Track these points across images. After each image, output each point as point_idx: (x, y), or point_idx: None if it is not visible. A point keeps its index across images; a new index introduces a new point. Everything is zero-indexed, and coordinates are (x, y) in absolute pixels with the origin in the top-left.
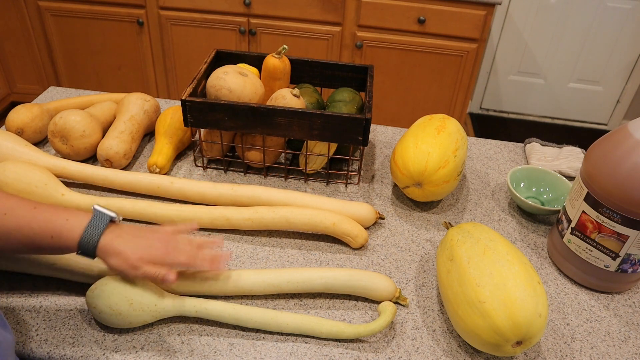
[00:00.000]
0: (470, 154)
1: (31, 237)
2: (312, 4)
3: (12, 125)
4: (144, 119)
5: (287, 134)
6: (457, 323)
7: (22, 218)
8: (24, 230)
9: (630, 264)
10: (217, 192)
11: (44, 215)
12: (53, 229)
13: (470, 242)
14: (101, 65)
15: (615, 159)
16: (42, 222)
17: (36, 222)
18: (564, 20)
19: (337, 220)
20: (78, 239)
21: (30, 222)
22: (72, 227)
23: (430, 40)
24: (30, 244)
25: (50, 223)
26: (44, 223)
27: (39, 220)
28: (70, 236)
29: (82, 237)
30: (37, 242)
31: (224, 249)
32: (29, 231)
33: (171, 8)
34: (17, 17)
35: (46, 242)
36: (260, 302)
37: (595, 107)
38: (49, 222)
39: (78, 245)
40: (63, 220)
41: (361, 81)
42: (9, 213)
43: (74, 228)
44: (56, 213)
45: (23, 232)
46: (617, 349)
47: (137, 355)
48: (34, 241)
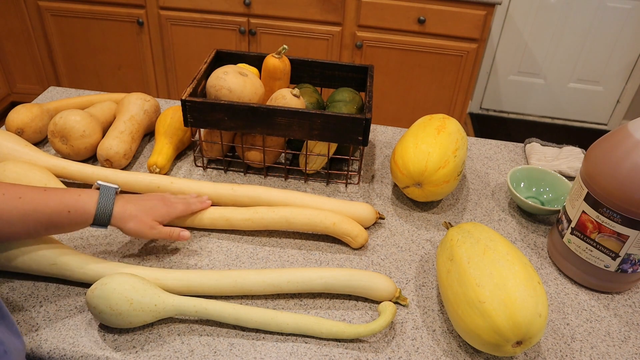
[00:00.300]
0: (470, 154)
1: (48, 215)
2: (312, 4)
3: (12, 125)
4: (144, 119)
5: (287, 134)
6: (457, 323)
7: (37, 199)
8: (40, 209)
9: (630, 264)
10: (217, 192)
11: (56, 195)
12: (68, 204)
13: (470, 242)
14: (101, 65)
15: (615, 159)
16: (57, 200)
17: (51, 200)
18: (564, 20)
19: (337, 220)
20: (94, 211)
21: (46, 201)
22: (85, 201)
23: (430, 40)
24: (47, 222)
25: (65, 200)
26: (58, 201)
27: (53, 199)
28: (86, 209)
29: (97, 208)
30: (55, 219)
31: (215, 257)
32: (45, 209)
33: (171, 8)
34: (17, 17)
35: (63, 218)
36: (260, 302)
37: (595, 107)
38: (63, 199)
39: (95, 217)
40: (76, 196)
41: (361, 81)
42: (23, 197)
43: (88, 201)
44: (67, 192)
45: (40, 211)
46: (617, 349)
47: (137, 355)
48: (52, 219)
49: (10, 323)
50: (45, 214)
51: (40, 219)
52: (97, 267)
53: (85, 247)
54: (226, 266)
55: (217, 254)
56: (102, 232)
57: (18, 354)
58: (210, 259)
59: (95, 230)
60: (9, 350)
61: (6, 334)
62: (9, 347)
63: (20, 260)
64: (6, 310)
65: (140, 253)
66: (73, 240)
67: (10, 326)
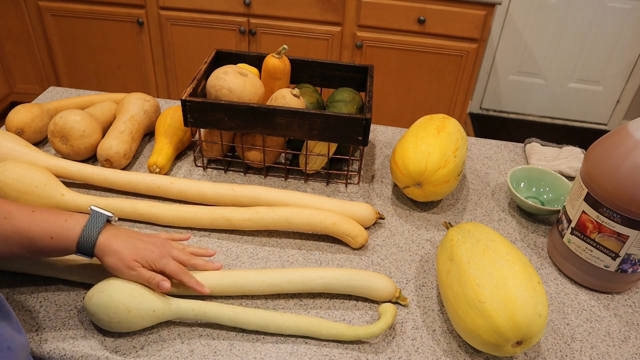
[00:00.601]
0: (470, 154)
1: (31, 239)
2: (312, 4)
3: (12, 125)
4: (144, 119)
5: (287, 134)
6: (457, 323)
7: (22, 221)
8: (24, 232)
9: (630, 264)
10: (217, 192)
11: (42, 218)
12: (52, 229)
13: (470, 242)
14: (101, 65)
15: (615, 159)
16: (42, 224)
17: (35, 224)
18: (564, 20)
19: (337, 220)
20: (77, 239)
21: (30, 224)
22: (70, 227)
23: (430, 40)
24: (30, 247)
25: (50, 224)
26: (43, 225)
27: (38, 222)
28: (69, 236)
29: (80, 236)
30: (37, 244)
31: (215, 257)
32: (28, 233)
33: (171, 8)
34: (17, 17)
35: (46, 243)
36: (260, 302)
37: (595, 107)
38: (48, 223)
39: (77, 245)
40: (62, 222)
41: (361, 81)
42: (9, 217)
43: (73, 228)
44: (54, 215)
45: (23, 234)
46: (617, 349)
47: (137, 355)
48: (34, 243)
49: (13, 320)
50: (27, 237)
51: (23, 243)
52: (97, 267)
53: None
54: (226, 266)
55: (217, 254)
56: None
57: (21, 351)
58: (210, 259)
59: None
60: (12, 347)
61: (9, 331)
62: (12, 344)
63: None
64: (8, 308)
65: None
66: None
67: (14, 323)
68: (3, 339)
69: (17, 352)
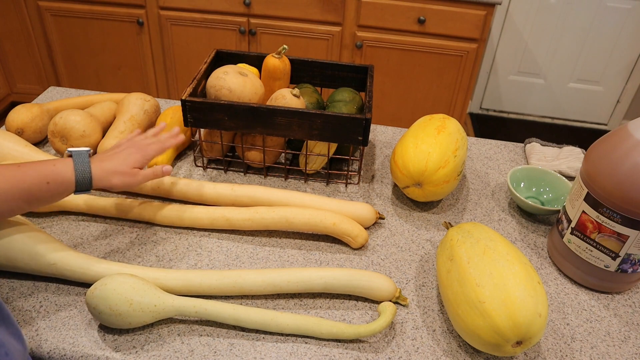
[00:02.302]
0: (470, 154)
1: (28, 189)
2: (312, 4)
3: (12, 125)
4: (144, 119)
5: (287, 134)
6: (457, 323)
7: (13, 176)
8: (19, 185)
9: (630, 264)
10: (217, 192)
11: (31, 168)
12: (46, 176)
13: (470, 242)
14: (101, 65)
15: (615, 159)
16: (34, 174)
17: (28, 175)
18: (564, 20)
19: (337, 220)
20: (73, 177)
21: (22, 176)
22: (62, 170)
23: (430, 40)
24: (27, 197)
25: (41, 172)
26: (35, 174)
27: (29, 173)
28: (65, 177)
29: (75, 174)
30: (35, 192)
31: (215, 257)
32: (23, 184)
33: (171, 8)
34: (17, 17)
35: (43, 190)
36: (260, 302)
37: (595, 107)
38: (40, 171)
39: (75, 182)
40: (51, 167)
41: (361, 81)
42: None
43: (64, 168)
44: (42, 164)
45: (19, 187)
46: (617, 349)
47: (137, 355)
48: (32, 192)
49: (11, 325)
50: (23, 189)
51: (20, 195)
52: (97, 267)
53: (85, 247)
54: (226, 266)
55: (217, 254)
56: (102, 232)
57: (19, 356)
58: (210, 259)
59: (95, 230)
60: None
61: (7, 336)
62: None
63: (20, 260)
64: (7, 312)
65: (140, 253)
66: (73, 240)
67: (12, 328)
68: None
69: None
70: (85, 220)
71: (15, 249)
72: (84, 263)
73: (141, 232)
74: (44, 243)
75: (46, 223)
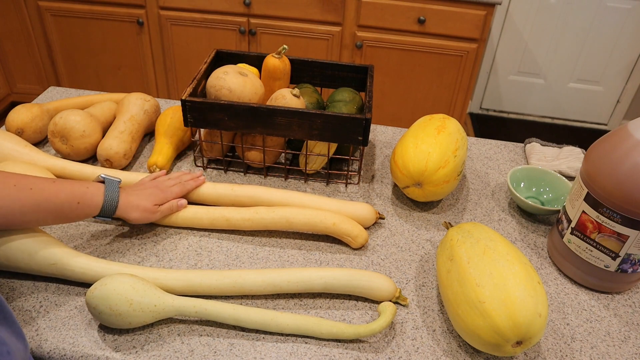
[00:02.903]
0: (470, 154)
1: (58, 206)
2: (312, 4)
3: (12, 125)
4: (144, 119)
5: (287, 134)
6: (457, 323)
7: (47, 190)
8: (52, 199)
9: (630, 264)
10: (217, 192)
11: (65, 187)
12: (77, 196)
13: (470, 242)
14: (101, 65)
15: (615, 159)
16: (67, 192)
17: (61, 192)
18: (564, 20)
19: (337, 220)
20: (101, 203)
21: (56, 192)
22: (94, 193)
23: (430, 40)
24: (56, 213)
25: (74, 192)
26: (68, 192)
27: (63, 190)
28: (94, 200)
29: (104, 200)
30: (65, 210)
31: (215, 257)
32: (56, 200)
33: (171, 8)
34: (17, 17)
35: (73, 209)
36: (260, 302)
37: (595, 107)
38: (72, 191)
39: (102, 208)
40: (84, 189)
41: (361, 81)
42: (34, 188)
43: (96, 193)
44: (76, 183)
45: (51, 201)
46: (617, 349)
47: (137, 355)
48: (62, 209)
49: (12, 323)
50: (56, 204)
51: (51, 209)
52: (97, 267)
53: (85, 247)
54: (226, 266)
55: (217, 254)
56: (102, 232)
57: (21, 355)
58: (210, 259)
59: (95, 230)
60: (11, 351)
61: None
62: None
63: (20, 260)
64: (9, 311)
65: (140, 253)
66: (73, 240)
67: (14, 327)
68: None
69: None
70: (85, 220)
71: (15, 249)
72: (84, 263)
73: (141, 232)
74: (44, 243)
75: None
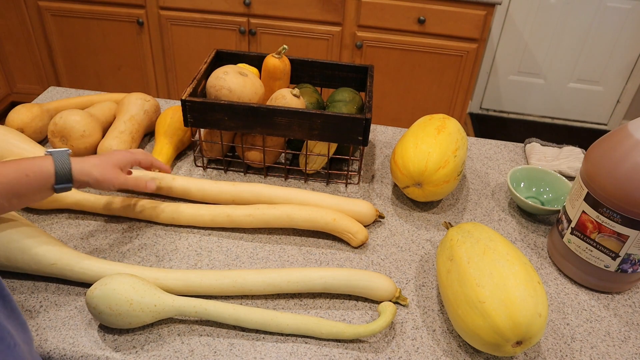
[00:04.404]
0: (470, 154)
1: (7, 184)
2: (312, 4)
3: (12, 125)
4: (144, 119)
5: (287, 134)
6: (457, 323)
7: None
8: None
9: (630, 264)
10: (219, 189)
11: (11, 164)
12: (25, 168)
13: (470, 242)
14: (101, 65)
15: (615, 159)
16: (12, 168)
17: (7, 169)
18: (564, 20)
19: (337, 217)
20: (53, 170)
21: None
22: (41, 163)
23: (430, 40)
24: (10, 191)
25: (20, 166)
26: (14, 168)
27: (8, 168)
28: (44, 169)
29: (55, 166)
30: (15, 186)
31: (215, 257)
32: (3, 179)
33: (171, 8)
34: (17, 17)
35: (23, 182)
36: (260, 302)
37: (595, 107)
38: (18, 166)
39: (55, 175)
40: (31, 161)
41: (361, 81)
42: None
43: (44, 162)
44: (19, 159)
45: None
46: (617, 349)
47: (137, 355)
48: (12, 187)
49: (18, 316)
50: (2, 184)
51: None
52: (97, 267)
53: (85, 247)
54: (226, 266)
55: (217, 253)
56: (102, 232)
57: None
58: (210, 259)
59: (95, 230)
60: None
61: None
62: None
63: (20, 260)
64: (15, 306)
65: (140, 253)
66: (73, 240)
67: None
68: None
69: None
70: (85, 219)
71: (15, 249)
72: (84, 263)
73: (141, 232)
74: (44, 243)
75: (46, 223)
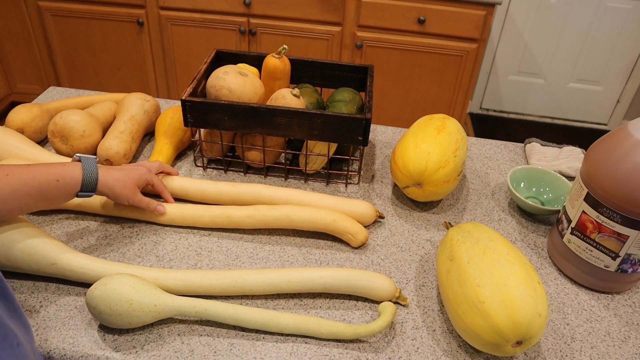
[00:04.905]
0: (470, 154)
1: (38, 187)
2: (312, 4)
3: (12, 125)
4: (144, 119)
5: (287, 134)
6: (457, 323)
7: (24, 174)
8: (29, 182)
9: (630, 264)
10: (218, 189)
11: (41, 168)
12: (55, 174)
13: (470, 242)
14: (101, 65)
15: (615, 159)
16: (44, 172)
17: (38, 173)
18: (564, 20)
19: (337, 218)
20: (80, 177)
21: (33, 174)
22: (71, 169)
23: (430, 40)
24: (38, 194)
25: (51, 171)
26: (45, 172)
27: (39, 171)
28: (73, 176)
29: (83, 174)
30: (45, 190)
31: (215, 256)
32: (33, 181)
33: (171, 8)
34: (17, 17)
35: (52, 187)
36: (260, 302)
37: (595, 107)
38: (49, 170)
39: (82, 183)
40: (61, 167)
41: (361, 81)
42: (10, 174)
43: (73, 169)
44: (52, 164)
45: (29, 184)
46: (617, 349)
47: (137, 355)
48: (42, 190)
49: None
50: (34, 186)
51: (31, 192)
52: (97, 267)
53: (85, 247)
54: (226, 266)
55: (217, 253)
56: (102, 232)
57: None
58: (210, 259)
59: (95, 230)
60: (21, 343)
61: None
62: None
63: (20, 260)
64: (17, 304)
65: (140, 253)
66: (73, 240)
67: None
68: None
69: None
70: (85, 219)
71: (15, 249)
72: (84, 263)
73: (141, 232)
74: (44, 243)
75: (46, 223)
